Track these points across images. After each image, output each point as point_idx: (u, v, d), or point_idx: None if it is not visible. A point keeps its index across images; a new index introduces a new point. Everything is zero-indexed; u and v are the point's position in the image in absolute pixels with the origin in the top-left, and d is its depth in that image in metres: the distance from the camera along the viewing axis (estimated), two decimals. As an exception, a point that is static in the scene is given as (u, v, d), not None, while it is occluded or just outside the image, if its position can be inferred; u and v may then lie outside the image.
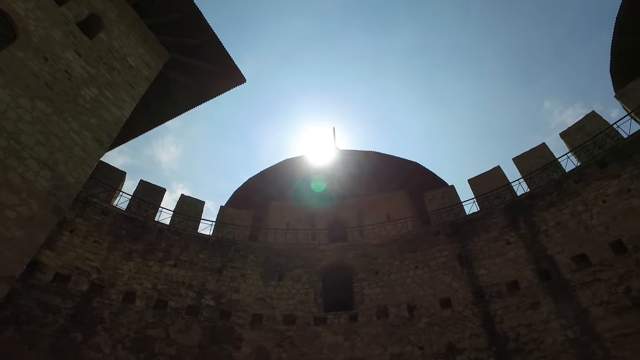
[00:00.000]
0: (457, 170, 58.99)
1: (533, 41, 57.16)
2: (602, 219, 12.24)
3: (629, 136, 12.98)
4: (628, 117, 13.83)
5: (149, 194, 17.08)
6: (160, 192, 17.49)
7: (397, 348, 13.20)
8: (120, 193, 16.34)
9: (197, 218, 17.58)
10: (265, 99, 67.35)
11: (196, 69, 16.85)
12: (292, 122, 65.62)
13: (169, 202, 71.28)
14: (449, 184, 20.03)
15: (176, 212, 17.28)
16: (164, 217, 16.73)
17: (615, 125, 13.93)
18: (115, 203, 15.73)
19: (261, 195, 21.21)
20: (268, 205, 21.15)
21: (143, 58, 14.57)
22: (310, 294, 15.15)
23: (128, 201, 16.27)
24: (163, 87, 16.98)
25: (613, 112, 54.26)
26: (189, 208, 17.85)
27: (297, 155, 21.28)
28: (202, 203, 18.38)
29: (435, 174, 21.07)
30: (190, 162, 67.63)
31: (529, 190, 14.96)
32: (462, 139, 62.54)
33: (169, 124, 57.09)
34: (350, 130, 62.12)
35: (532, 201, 14.23)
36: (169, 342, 12.79)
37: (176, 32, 15.55)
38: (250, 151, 69.74)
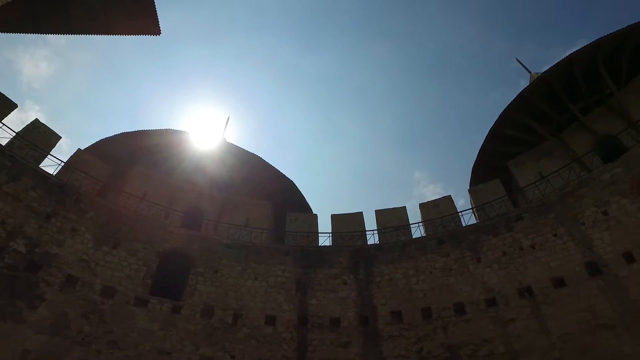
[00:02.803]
0: (324, 201, 62.09)
1: (429, 116, 64.95)
2: (424, 286, 14.23)
3: (465, 226, 15.66)
4: (470, 211, 16.56)
5: (-6, 103, 14.40)
6: (8, 106, 14.94)
7: (209, 351, 13.03)
8: (-45, 88, 13.43)
9: (46, 151, 15.33)
10: (171, 62, 62.68)
11: (110, -3, 15.02)
12: (190, 97, 62.03)
13: (13, 120, 60.28)
14: (314, 212, 21.04)
15: (20, 136, 14.83)
16: (2, 136, 14.17)
17: (460, 214, 16.46)
18: (-58, 96, 12.85)
19: (128, 154, 19.29)
20: (131, 168, 19.36)
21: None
22: (142, 272, 14.13)
23: (-39, 101, 13.47)
24: (62, -4, 14.69)
25: (461, 200, 63.73)
26: (39, 137, 15.51)
27: (181, 130, 19.94)
28: (58, 137, 16.19)
29: (304, 198, 21.84)
30: (59, 87, 58.09)
31: (378, 242, 16.53)
32: (340, 175, 66.44)
33: (50, 36, 49.12)
34: (242, 127, 60.91)
35: (377, 252, 15.77)
36: (-55, 279, 10.59)
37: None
38: (134, 106, 62.84)
